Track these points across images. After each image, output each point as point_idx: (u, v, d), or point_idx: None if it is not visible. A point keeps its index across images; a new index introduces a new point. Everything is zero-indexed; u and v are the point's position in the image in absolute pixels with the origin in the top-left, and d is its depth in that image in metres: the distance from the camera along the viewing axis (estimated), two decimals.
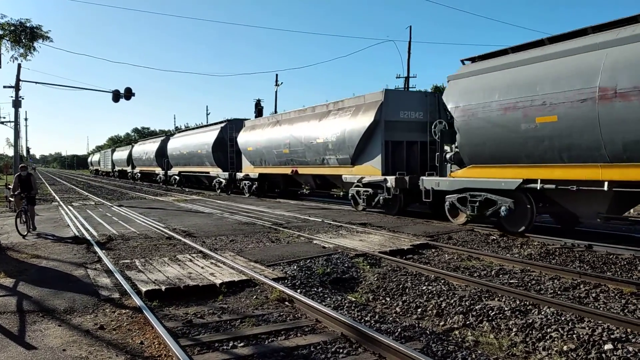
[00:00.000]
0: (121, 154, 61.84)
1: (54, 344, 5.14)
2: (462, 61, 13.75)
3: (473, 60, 13.46)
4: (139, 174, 51.76)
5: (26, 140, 68.66)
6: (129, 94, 25.58)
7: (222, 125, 29.35)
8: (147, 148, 47.29)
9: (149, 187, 40.34)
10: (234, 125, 28.22)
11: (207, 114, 67.74)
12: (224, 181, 28.87)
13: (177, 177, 37.95)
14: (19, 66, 26.49)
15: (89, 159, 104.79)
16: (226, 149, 28.25)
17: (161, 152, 41.24)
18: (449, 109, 13.49)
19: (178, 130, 63.31)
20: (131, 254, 9.81)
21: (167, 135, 45.88)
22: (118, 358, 4.78)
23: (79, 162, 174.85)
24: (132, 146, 55.57)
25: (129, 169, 55.62)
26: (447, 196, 13.72)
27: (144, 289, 6.89)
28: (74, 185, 44.95)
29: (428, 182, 14.21)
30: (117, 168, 62.86)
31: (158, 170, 42.78)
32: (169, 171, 39.74)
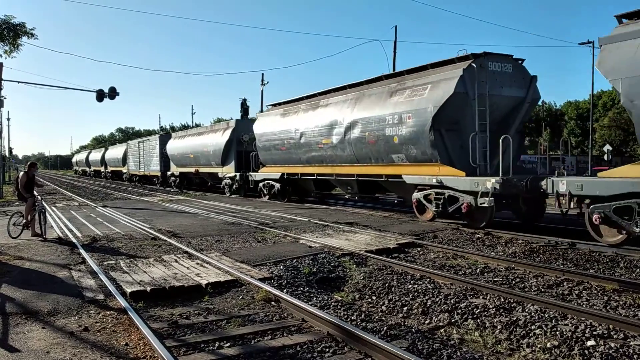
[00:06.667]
0: (191, 143, 31.66)
1: (38, 346, 5.08)
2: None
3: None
4: (277, 188, 22.12)
5: (8, 141, 67.49)
6: (113, 93, 25.37)
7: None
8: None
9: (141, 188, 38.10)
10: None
11: (193, 114, 67.45)
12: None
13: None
14: (1, 65, 26.07)
15: (74, 159, 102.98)
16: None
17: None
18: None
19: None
20: (116, 255, 9.73)
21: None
22: None
23: (62, 162, 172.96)
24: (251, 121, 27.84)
25: (222, 170, 27.48)
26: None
27: (128, 290, 6.83)
28: (58, 185, 44.41)
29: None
30: (177, 170, 34.85)
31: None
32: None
